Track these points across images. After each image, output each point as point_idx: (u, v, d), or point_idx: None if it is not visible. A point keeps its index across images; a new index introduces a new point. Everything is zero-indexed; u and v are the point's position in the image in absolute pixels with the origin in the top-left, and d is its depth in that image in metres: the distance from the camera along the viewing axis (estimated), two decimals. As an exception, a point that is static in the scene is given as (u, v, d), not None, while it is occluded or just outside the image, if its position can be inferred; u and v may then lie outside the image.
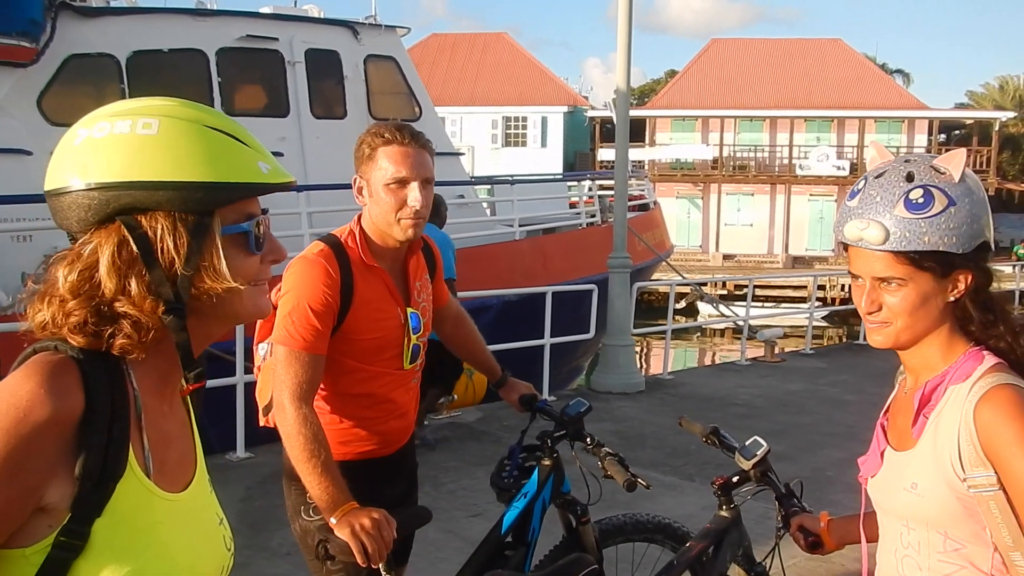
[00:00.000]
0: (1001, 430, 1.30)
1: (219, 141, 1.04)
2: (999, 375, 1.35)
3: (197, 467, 1.15)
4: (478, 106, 36.30)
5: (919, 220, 1.34)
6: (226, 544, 1.16)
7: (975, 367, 1.38)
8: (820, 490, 5.09)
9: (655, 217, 14.03)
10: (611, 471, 2.41)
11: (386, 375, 2.23)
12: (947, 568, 1.39)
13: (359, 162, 2.17)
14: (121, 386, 1.02)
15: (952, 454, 1.34)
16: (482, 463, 5.55)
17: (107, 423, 0.98)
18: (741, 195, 34.36)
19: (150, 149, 1.00)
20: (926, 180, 1.36)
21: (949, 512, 1.36)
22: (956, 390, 1.38)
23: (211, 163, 1.02)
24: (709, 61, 37.19)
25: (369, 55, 10.00)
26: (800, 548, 2.03)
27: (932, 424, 1.39)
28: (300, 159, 9.15)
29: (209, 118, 1.06)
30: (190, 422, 1.18)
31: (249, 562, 4.08)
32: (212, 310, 1.06)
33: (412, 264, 2.29)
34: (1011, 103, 39.28)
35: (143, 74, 8.25)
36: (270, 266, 1.11)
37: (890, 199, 1.35)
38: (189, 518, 1.08)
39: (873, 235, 1.35)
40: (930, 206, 1.34)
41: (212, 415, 5.04)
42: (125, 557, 0.98)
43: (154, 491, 1.03)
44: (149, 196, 1.00)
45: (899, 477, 1.43)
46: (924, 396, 1.41)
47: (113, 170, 1.00)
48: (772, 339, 10.89)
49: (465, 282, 8.03)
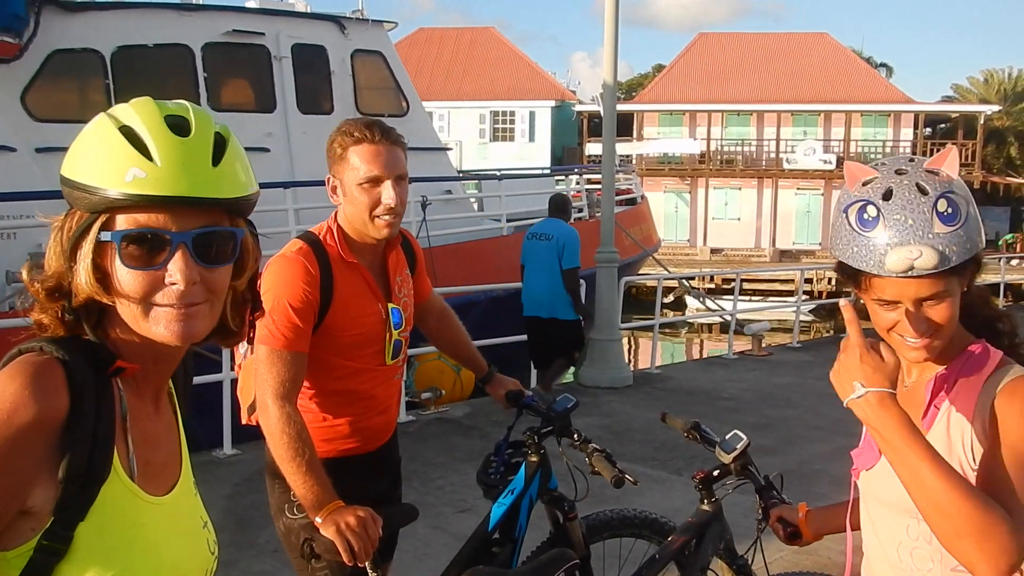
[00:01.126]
0: (1014, 416, 1.31)
1: (112, 143, 1.00)
2: (1014, 367, 1.38)
3: (182, 469, 1.14)
4: (466, 101, 36.21)
5: (959, 231, 1.31)
6: (210, 547, 1.16)
7: (985, 360, 1.40)
8: (806, 483, 5.13)
9: (643, 211, 14.05)
10: (598, 467, 2.41)
11: (368, 371, 2.23)
12: None
13: (331, 162, 2.17)
14: (107, 387, 1.01)
15: (965, 444, 1.37)
16: (470, 459, 5.56)
17: (92, 425, 0.97)
18: (728, 189, 34.44)
19: (73, 144, 1.03)
20: (937, 188, 1.33)
21: None
22: (967, 382, 1.39)
23: (86, 164, 1.00)
24: (696, 55, 37.22)
25: (356, 50, 9.97)
26: (779, 539, 2.05)
27: (943, 416, 1.40)
28: (287, 155, 9.12)
29: (139, 119, 1.01)
30: (176, 424, 1.17)
31: (236, 559, 4.08)
32: (122, 318, 1.04)
33: (392, 260, 2.29)
34: (996, 96, 39.54)
35: (128, 70, 8.20)
36: (179, 289, 1.01)
37: (923, 219, 1.30)
38: (173, 521, 1.08)
39: (928, 260, 1.29)
40: (959, 215, 1.31)
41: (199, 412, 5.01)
42: (108, 561, 0.97)
43: (138, 494, 1.02)
44: (64, 190, 1.03)
45: None
46: (937, 387, 1.41)
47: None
48: (759, 333, 10.92)
49: (452, 277, 8.03)
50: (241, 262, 1.09)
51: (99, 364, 1.01)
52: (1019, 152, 37.15)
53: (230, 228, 1.05)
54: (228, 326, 1.11)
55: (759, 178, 33.97)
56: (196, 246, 1.01)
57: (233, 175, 1.04)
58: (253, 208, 1.09)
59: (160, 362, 1.09)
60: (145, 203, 0.98)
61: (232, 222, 1.06)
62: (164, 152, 0.99)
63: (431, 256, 7.99)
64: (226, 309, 1.09)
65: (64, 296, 1.01)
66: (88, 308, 1.02)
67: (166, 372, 1.12)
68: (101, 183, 0.98)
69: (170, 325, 1.02)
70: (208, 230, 1.02)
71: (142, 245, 1.00)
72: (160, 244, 1.00)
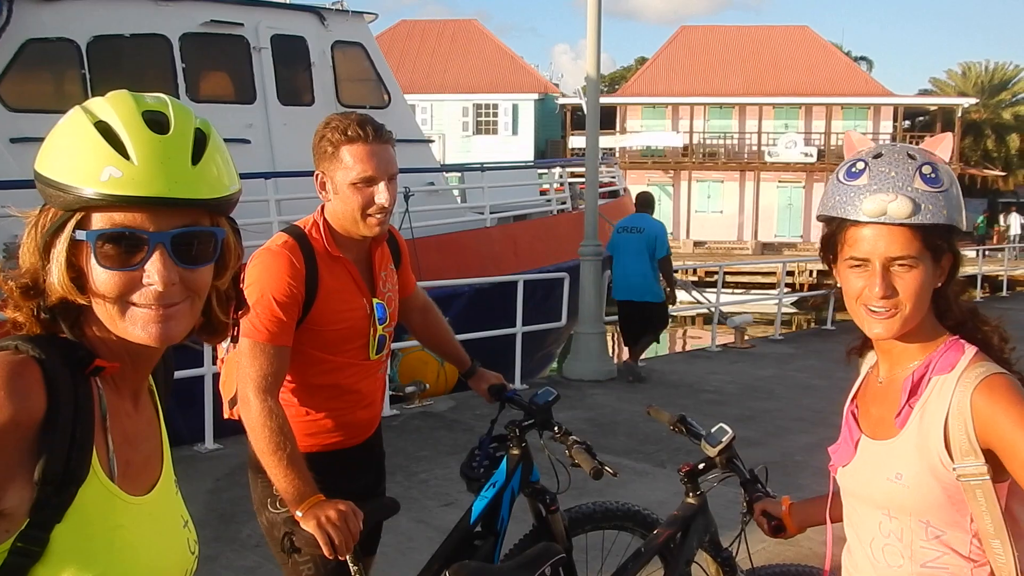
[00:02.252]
0: (1002, 416, 1.30)
1: (86, 140, 0.97)
2: (987, 364, 1.36)
3: (164, 467, 1.12)
4: (448, 93, 36.12)
5: (937, 194, 1.33)
6: (190, 547, 1.13)
7: (958, 357, 1.38)
8: (788, 475, 5.16)
9: (626, 204, 14.03)
10: (578, 459, 2.41)
11: (352, 366, 2.21)
12: (929, 554, 1.40)
13: (320, 158, 2.13)
14: (85, 386, 0.98)
15: (939, 444, 1.34)
16: (454, 452, 5.55)
17: (70, 426, 0.94)
18: (711, 182, 34.59)
19: (46, 139, 1.00)
20: (925, 157, 1.36)
21: (933, 501, 1.37)
22: (941, 380, 1.38)
23: (59, 161, 0.97)
24: (678, 48, 37.31)
25: (336, 41, 9.89)
26: (763, 532, 2.05)
27: (917, 414, 1.38)
28: (267, 146, 9.04)
29: (115, 115, 0.98)
30: (157, 421, 1.15)
31: (218, 554, 4.05)
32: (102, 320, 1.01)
33: (377, 255, 2.27)
34: (973, 89, 39.89)
35: (104, 60, 8.08)
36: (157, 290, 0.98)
37: (906, 174, 1.33)
38: (153, 521, 1.05)
39: (900, 208, 1.31)
40: (941, 182, 1.34)
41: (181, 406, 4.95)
42: (85, 563, 0.95)
43: (117, 495, 1.00)
44: (38, 186, 1.00)
45: (880, 467, 1.43)
46: (913, 385, 1.40)
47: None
48: (742, 325, 10.98)
49: (436, 270, 8.00)
50: (223, 261, 1.06)
51: (77, 363, 0.98)
52: (995, 145, 37.57)
53: (210, 228, 1.02)
54: (214, 323, 1.09)
55: (741, 171, 34.15)
56: (175, 246, 0.98)
57: (213, 174, 1.01)
58: (235, 206, 1.06)
59: (139, 360, 1.06)
60: (121, 203, 0.95)
61: (213, 221, 1.03)
62: (141, 150, 0.96)
63: (414, 248, 7.95)
64: (212, 306, 1.07)
65: (39, 294, 0.99)
66: (65, 306, 0.99)
67: (145, 370, 1.10)
68: (75, 182, 0.95)
69: (147, 326, 0.99)
70: (187, 230, 0.99)
71: (118, 245, 0.97)
72: (137, 244, 0.97)
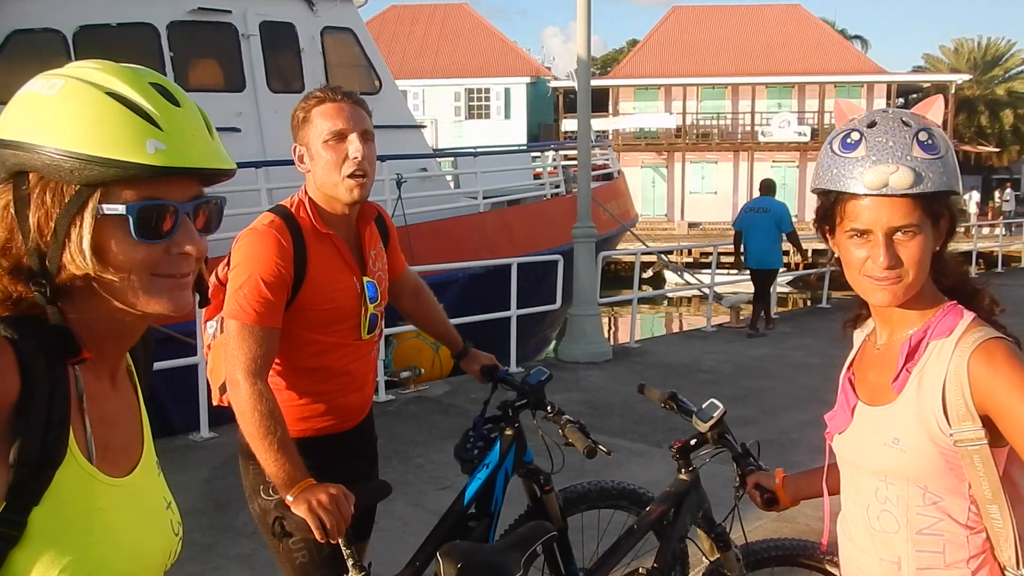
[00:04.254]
0: (999, 380, 1.30)
1: (112, 111, 0.95)
2: (984, 329, 1.35)
3: (144, 449, 1.10)
4: (440, 78, 35.92)
5: (936, 161, 1.32)
6: (173, 529, 1.12)
7: (956, 322, 1.37)
8: (784, 452, 5.17)
9: (619, 187, 14.03)
10: (571, 438, 2.41)
11: (343, 346, 2.19)
12: (926, 521, 1.39)
13: (296, 130, 2.12)
14: (61, 367, 0.97)
15: (936, 408, 1.34)
16: (449, 436, 5.53)
17: (45, 407, 0.93)
18: (705, 163, 34.51)
19: (42, 111, 0.96)
20: (920, 123, 1.35)
21: (931, 466, 1.36)
22: (939, 345, 1.37)
23: (87, 134, 0.94)
24: (670, 29, 37.11)
25: (326, 27, 9.80)
26: (756, 505, 2.05)
27: (915, 379, 1.38)
28: (258, 134, 8.98)
29: (125, 86, 0.98)
30: (137, 402, 1.13)
31: (214, 542, 4.05)
32: (107, 294, 0.99)
33: (366, 233, 2.25)
34: (966, 66, 39.78)
35: (91, 50, 7.99)
36: (181, 259, 1.00)
37: (904, 143, 1.32)
38: (134, 503, 1.04)
39: (902, 178, 1.30)
40: (938, 148, 1.33)
41: (175, 395, 4.92)
42: (65, 546, 0.94)
43: (96, 476, 0.98)
44: (32, 159, 0.95)
45: (877, 432, 1.42)
46: (911, 350, 1.39)
47: (7, 127, 0.96)
48: (737, 305, 10.99)
49: (429, 256, 7.98)
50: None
51: (53, 344, 0.96)
52: (989, 121, 37.53)
53: (218, 196, 1.05)
54: (202, 291, 1.11)
55: (735, 151, 34.07)
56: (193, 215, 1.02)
57: (223, 146, 1.04)
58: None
59: (120, 340, 1.05)
60: (164, 175, 0.96)
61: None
62: (170, 123, 0.97)
63: (407, 234, 7.98)
64: (202, 272, 1.09)
65: (29, 276, 0.96)
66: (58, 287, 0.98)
67: (124, 350, 1.08)
68: (122, 155, 0.94)
69: (172, 295, 1.00)
70: (204, 200, 1.02)
71: (152, 216, 0.98)
72: (168, 214, 0.99)
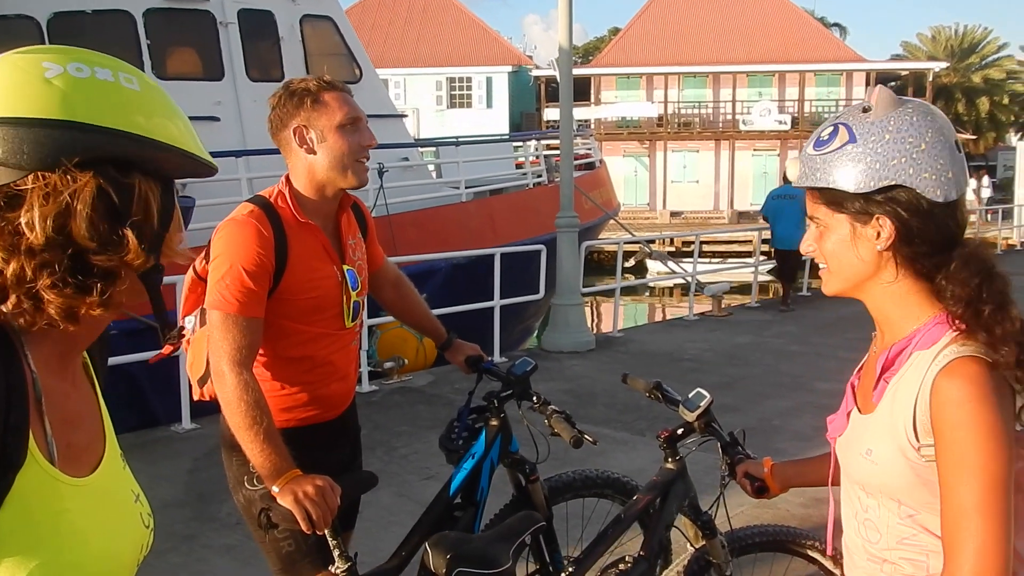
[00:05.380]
0: (950, 408, 1.21)
1: (182, 114, 1.02)
2: (967, 345, 1.24)
3: (107, 444, 1.08)
4: (421, 67, 35.75)
5: (816, 156, 1.32)
6: (143, 521, 1.10)
7: (942, 333, 1.28)
8: (767, 439, 5.22)
9: (602, 176, 14.03)
10: (557, 428, 2.41)
11: (326, 336, 2.18)
12: (905, 532, 1.35)
13: (297, 110, 2.08)
14: (17, 369, 0.93)
15: (907, 421, 1.27)
16: (434, 426, 5.54)
17: (3, 411, 0.90)
18: (686, 152, 34.61)
19: (138, 104, 0.95)
20: (844, 119, 1.33)
21: (903, 480, 1.30)
22: (920, 356, 1.29)
23: (183, 132, 0.99)
24: (651, 17, 37.11)
25: (305, 15, 9.71)
26: (747, 494, 2.07)
27: (892, 389, 1.32)
28: (237, 123, 8.90)
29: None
30: (96, 398, 1.11)
31: (197, 534, 4.03)
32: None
33: (344, 222, 2.24)
34: (944, 53, 40.10)
35: (66, 37, 7.87)
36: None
37: (815, 138, 1.36)
38: (100, 500, 1.02)
39: (792, 171, 1.41)
40: (831, 142, 1.31)
41: (156, 387, 4.89)
42: (31, 550, 0.91)
43: (59, 478, 0.96)
44: (132, 150, 0.94)
45: (858, 441, 1.38)
46: (888, 360, 1.34)
47: (103, 114, 0.92)
48: (719, 294, 11.05)
49: (412, 245, 7.95)
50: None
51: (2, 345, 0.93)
52: (966, 108, 37.86)
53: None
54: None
55: (716, 140, 34.19)
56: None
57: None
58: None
59: (78, 339, 1.02)
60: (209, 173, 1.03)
61: None
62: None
63: (390, 224, 7.94)
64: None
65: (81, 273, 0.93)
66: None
67: (83, 348, 1.06)
68: (201, 152, 1.01)
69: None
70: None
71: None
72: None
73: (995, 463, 1.19)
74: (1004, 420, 1.21)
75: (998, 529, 1.18)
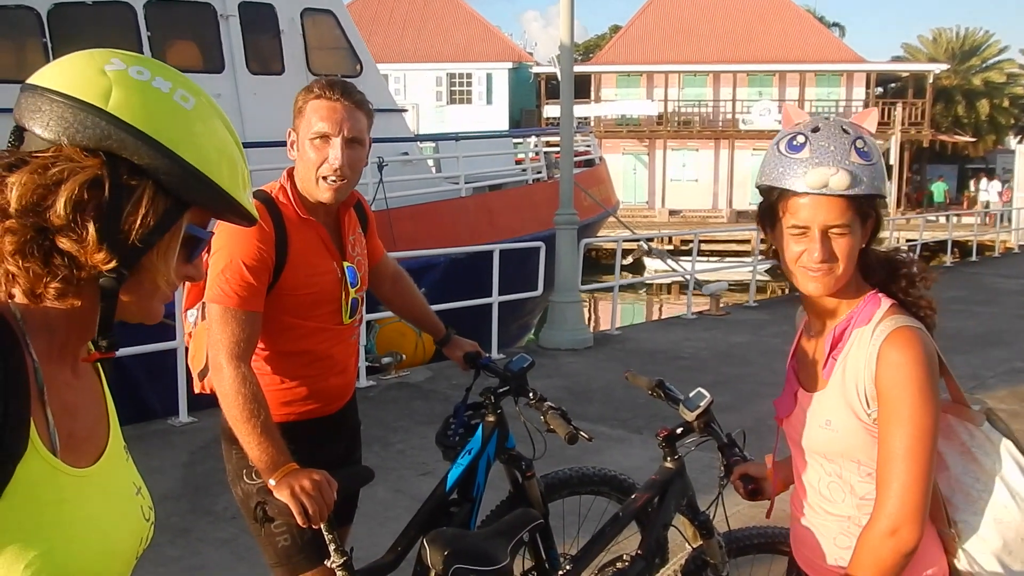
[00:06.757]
0: (891, 370, 1.44)
1: (233, 149, 1.04)
2: (898, 317, 1.49)
3: (111, 435, 1.08)
4: (422, 63, 35.68)
5: (868, 167, 1.46)
6: (144, 514, 1.10)
7: (875, 310, 1.52)
8: (762, 438, 5.19)
9: (601, 173, 14.01)
10: (553, 425, 2.41)
11: (325, 331, 2.18)
12: (867, 487, 1.54)
13: (294, 116, 2.12)
14: (18, 357, 0.93)
15: (859, 391, 1.49)
16: (431, 422, 5.54)
17: (3, 399, 0.89)
18: (686, 151, 34.59)
19: (181, 119, 0.98)
20: (857, 132, 1.49)
21: (860, 443, 1.51)
22: (860, 332, 1.51)
23: (216, 162, 1.00)
24: (652, 15, 37.06)
25: (306, 8, 9.69)
26: (741, 496, 2.06)
27: (840, 365, 1.53)
28: (237, 116, 8.86)
29: (228, 123, 1.06)
30: (101, 388, 1.10)
31: (193, 527, 4.03)
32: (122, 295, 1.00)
33: (345, 219, 2.24)
34: (944, 55, 40.03)
35: (66, 28, 7.86)
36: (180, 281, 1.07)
37: (843, 149, 1.45)
38: (101, 492, 1.01)
39: (841, 180, 1.44)
40: (872, 156, 1.47)
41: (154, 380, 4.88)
42: (31, 540, 0.91)
43: (60, 468, 0.95)
44: (150, 157, 0.95)
45: (813, 415, 1.58)
46: (835, 339, 1.54)
47: (137, 115, 0.94)
48: (717, 293, 11.05)
49: (410, 241, 7.94)
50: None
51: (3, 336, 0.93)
52: (966, 111, 37.82)
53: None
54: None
55: (716, 139, 34.16)
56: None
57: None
58: None
59: (81, 329, 1.02)
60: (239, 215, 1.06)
61: None
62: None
63: (389, 218, 7.92)
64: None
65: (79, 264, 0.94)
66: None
67: (86, 339, 1.05)
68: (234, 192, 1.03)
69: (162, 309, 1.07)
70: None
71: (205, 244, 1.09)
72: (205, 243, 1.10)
73: (924, 416, 1.42)
74: (933, 380, 1.44)
75: (920, 472, 1.42)
